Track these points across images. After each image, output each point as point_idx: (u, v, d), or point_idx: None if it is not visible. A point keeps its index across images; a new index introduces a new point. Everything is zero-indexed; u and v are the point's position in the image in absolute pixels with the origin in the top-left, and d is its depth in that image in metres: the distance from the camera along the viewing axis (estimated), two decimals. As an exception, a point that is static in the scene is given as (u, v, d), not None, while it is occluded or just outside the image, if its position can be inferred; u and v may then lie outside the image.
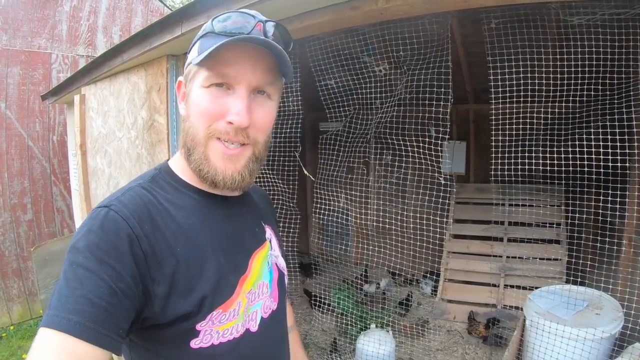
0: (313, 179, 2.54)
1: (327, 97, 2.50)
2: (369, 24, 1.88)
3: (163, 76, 2.35)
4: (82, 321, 0.55)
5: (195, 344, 0.69)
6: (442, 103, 2.11)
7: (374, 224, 3.30)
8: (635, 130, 2.42)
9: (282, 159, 2.94)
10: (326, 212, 3.15)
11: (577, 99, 2.11)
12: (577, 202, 3.21)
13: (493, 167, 2.20)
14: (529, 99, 2.19)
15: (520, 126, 2.34)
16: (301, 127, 2.30)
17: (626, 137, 2.28)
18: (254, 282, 0.79)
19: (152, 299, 0.64)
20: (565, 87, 2.10)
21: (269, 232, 0.90)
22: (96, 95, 3.02)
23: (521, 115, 2.36)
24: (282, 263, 0.92)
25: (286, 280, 0.95)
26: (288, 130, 2.49)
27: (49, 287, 3.97)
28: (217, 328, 0.71)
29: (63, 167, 4.49)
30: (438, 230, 3.21)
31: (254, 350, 0.78)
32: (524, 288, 3.51)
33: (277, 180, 2.61)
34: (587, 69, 1.98)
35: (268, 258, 0.86)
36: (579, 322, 2.44)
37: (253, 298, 0.79)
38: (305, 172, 1.95)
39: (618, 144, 2.16)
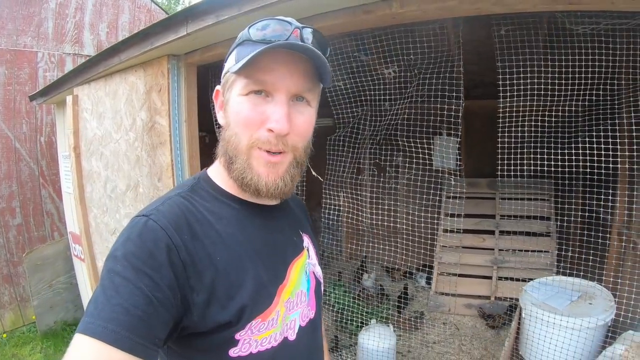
0: (321, 179, 2.56)
1: (335, 99, 2.52)
2: (376, 28, 1.91)
3: (164, 76, 2.32)
4: (117, 329, 0.55)
5: (234, 352, 0.69)
6: (453, 107, 2.16)
7: (385, 223, 3.35)
8: (623, 134, 2.54)
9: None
10: (333, 211, 3.18)
11: (580, 103, 2.20)
12: (568, 198, 3.34)
13: (499, 163, 2.27)
14: (534, 102, 2.27)
15: (524, 127, 2.42)
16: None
17: (628, 139, 2.38)
18: (292, 291, 0.79)
19: (191, 308, 0.65)
20: (567, 92, 2.18)
21: (306, 241, 0.90)
22: (90, 95, 2.95)
23: (527, 116, 2.43)
24: (319, 271, 0.92)
25: (322, 289, 0.95)
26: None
27: (42, 292, 3.89)
28: (256, 337, 0.71)
29: (52, 169, 4.37)
30: (437, 224, 3.27)
31: (291, 359, 0.79)
32: (516, 280, 3.61)
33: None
34: (589, 75, 2.06)
35: (306, 267, 0.86)
36: (574, 311, 2.52)
37: (291, 307, 0.79)
38: (314, 172, 1.96)
39: (613, 145, 2.26)
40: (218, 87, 0.79)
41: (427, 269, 4.29)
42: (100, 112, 2.85)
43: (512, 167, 2.41)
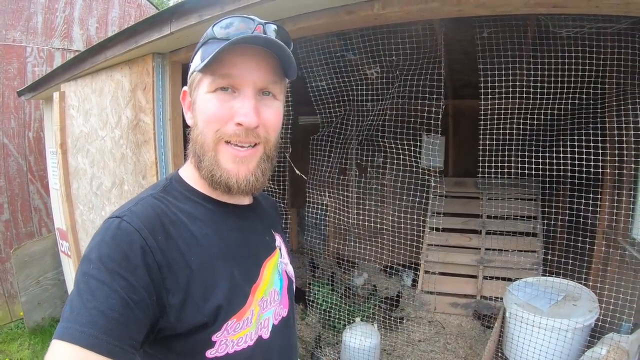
0: (305, 178, 2.56)
1: (318, 98, 2.52)
2: (361, 28, 1.91)
3: (149, 74, 2.32)
4: (95, 333, 0.55)
5: (210, 354, 0.70)
6: (434, 109, 2.16)
7: (369, 222, 3.36)
8: (607, 137, 2.56)
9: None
10: (318, 210, 3.19)
11: (563, 106, 2.21)
12: (555, 199, 3.36)
13: (484, 164, 2.29)
14: (520, 103, 2.28)
15: (506, 128, 2.43)
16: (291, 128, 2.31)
17: (611, 142, 2.40)
18: (265, 290, 0.80)
19: (167, 309, 0.64)
20: (552, 94, 2.19)
21: (278, 240, 0.91)
22: (77, 92, 2.94)
23: (513, 116, 2.45)
24: (290, 270, 0.93)
25: (294, 287, 0.96)
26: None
27: (29, 288, 3.88)
28: (232, 337, 0.71)
29: (40, 164, 4.33)
30: (423, 223, 3.28)
31: (266, 357, 0.79)
32: (502, 279, 3.63)
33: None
34: (573, 78, 2.07)
35: (278, 266, 0.86)
36: (557, 313, 2.54)
37: (265, 306, 0.79)
38: (297, 171, 1.97)
39: (596, 149, 2.28)
40: (185, 88, 0.79)
41: (412, 266, 4.30)
42: (86, 109, 2.84)
43: (498, 168, 2.43)
